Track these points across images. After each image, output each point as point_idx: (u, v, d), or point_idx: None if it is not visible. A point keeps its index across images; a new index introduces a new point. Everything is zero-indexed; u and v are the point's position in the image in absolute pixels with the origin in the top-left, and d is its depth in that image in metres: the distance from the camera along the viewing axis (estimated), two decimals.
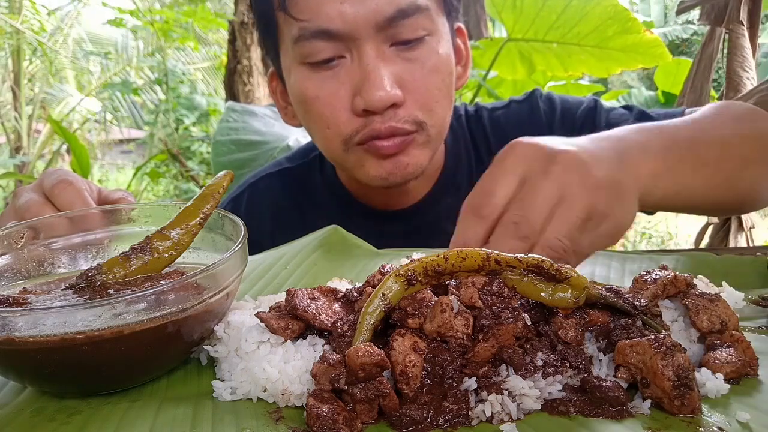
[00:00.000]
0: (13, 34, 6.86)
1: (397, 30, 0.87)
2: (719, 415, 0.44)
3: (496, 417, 0.46)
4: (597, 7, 2.11)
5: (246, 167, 2.04)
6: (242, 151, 2.10)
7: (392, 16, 0.85)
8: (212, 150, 2.19)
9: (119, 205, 0.73)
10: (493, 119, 1.16)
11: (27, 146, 7.61)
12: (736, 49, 1.41)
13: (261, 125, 2.21)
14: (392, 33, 0.87)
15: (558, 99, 1.16)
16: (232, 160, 2.08)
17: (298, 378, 0.49)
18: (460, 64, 1.04)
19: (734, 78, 1.40)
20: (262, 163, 2.05)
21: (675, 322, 0.55)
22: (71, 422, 0.47)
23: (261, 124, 2.22)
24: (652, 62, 2.29)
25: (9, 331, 0.47)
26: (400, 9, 0.85)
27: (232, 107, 2.32)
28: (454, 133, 1.11)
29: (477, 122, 1.16)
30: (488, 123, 1.15)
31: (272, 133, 2.18)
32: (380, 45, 0.87)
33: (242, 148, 2.11)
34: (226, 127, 2.19)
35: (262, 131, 2.18)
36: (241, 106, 2.37)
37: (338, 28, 0.85)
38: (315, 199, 1.14)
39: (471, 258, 0.51)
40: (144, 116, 7.11)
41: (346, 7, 0.84)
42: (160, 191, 6.27)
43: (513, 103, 1.19)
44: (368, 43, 0.86)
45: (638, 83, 8.88)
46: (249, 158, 2.08)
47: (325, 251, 0.88)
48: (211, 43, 7.54)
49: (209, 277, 0.53)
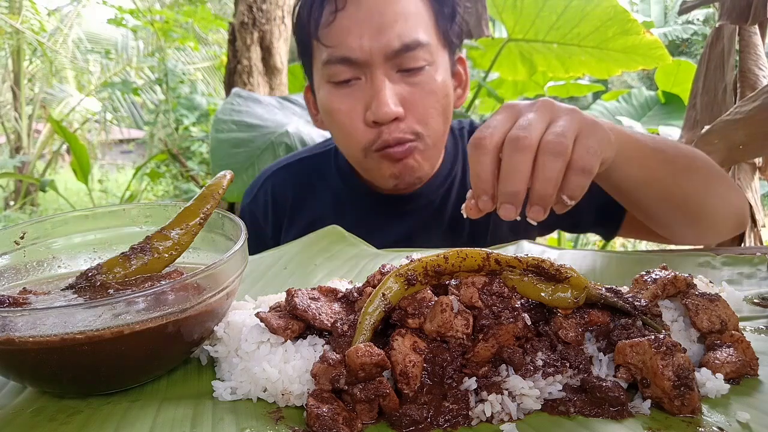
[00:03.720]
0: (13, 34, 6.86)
1: (402, 60, 1.08)
2: (719, 415, 0.44)
3: (496, 417, 0.46)
4: (597, 8, 2.11)
5: (242, 146, 2.09)
6: (241, 131, 2.15)
7: (398, 49, 1.07)
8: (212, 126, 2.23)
9: (119, 205, 0.73)
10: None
11: (27, 146, 7.61)
12: (749, 47, 1.40)
13: (264, 112, 2.25)
14: (399, 62, 1.08)
15: None
16: (230, 138, 2.12)
17: (298, 378, 0.49)
18: (459, 87, 1.25)
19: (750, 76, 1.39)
20: (259, 145, 2.08)
21: (675, 322, 0.55)
22: (71, 422, 0.47)
23: (264, 110, 2.25)
24: (651, 64, 2.29)
25: (9, 331, 0.47)
26: (404, 44, 1.07)
27: (239, 93, 2.33)
28: (455, 144, 1.34)
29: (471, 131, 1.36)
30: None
31: (273, 119, 2.21)
32: (389, 71, 1.09)
33: (242, 129, 2.16)
34: (229, 108, 2.23)
35: (264, 117, 2.22)
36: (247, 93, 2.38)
37: (357, 56, 1.07)
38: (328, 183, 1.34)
39: (471, 258, 0.51)
40: (144, 116, 7.11)
41: (364, 41, 1.06)
42: (160, 191, 6.27)
43: None
44: (379, 69, 1.07)
45: (638, 83, 8.88)
46: (247, 139, 2.11)
47: (325, 251, 0.89)
48: (211, 43, 7.54)
49: (209, 277, 0.53)
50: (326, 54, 1.11)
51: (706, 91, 1.50)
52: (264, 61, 3.57)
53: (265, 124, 2.17)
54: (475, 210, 0.76)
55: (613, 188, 0.96)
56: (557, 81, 3.26)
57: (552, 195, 0.72)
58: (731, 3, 1.42)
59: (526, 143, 0.72)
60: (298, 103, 2.37)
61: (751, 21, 1.39)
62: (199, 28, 5.12)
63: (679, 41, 9.11)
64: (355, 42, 1.07)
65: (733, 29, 1.43)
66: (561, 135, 0.73)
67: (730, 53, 1.44)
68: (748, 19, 1.39)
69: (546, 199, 0.72)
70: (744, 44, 1.42)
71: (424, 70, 1.10)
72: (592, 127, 0.77)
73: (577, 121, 0.76)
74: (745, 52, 1.41)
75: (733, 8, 1.41)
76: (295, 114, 2.31)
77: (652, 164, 0.93)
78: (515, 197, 0.72)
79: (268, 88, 3.56)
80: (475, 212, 0.76)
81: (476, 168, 0.75)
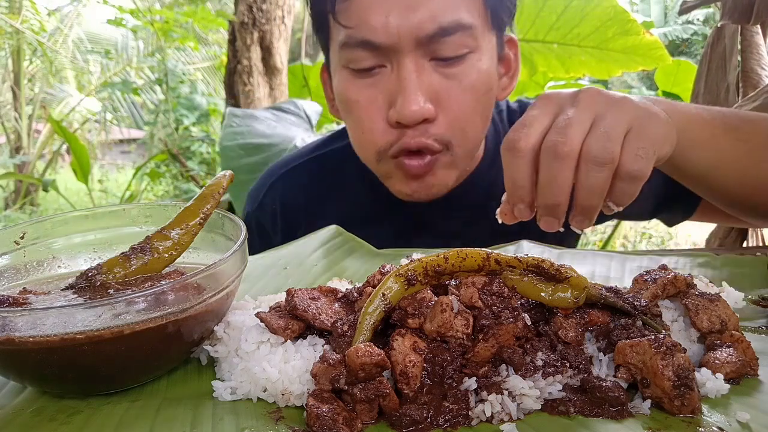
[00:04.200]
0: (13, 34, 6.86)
1: (438, 46, 0.87)
2: (719, 415, 0.44)
3: (496, 417, 0.46)
4: (597, 8, 2.11)
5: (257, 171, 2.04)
6: (250, 155, 2.11)
7: (433, 33, 0.86)
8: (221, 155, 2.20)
9: (119, 205, 0.72)
10: None
11: (27, 146, 7.61)
12: (752, 47, 1.40)
13: (264, 128, 2.22)
14: (433, 49, 0.88)
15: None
16: (242, 165, 2.08)
17: (298, 378, 0.49)
18: (507, 75, 1.04)
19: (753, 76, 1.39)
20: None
21: (675, 322, 0.55)
22: (71, 422, 0.47)
23: (264, 126, 2.23)
24: (651, 64, 2.29)
25: (9, 331, 0.47)
26: (441, 27, 0.86)
27: (233, 112, 2.32)
28: (495, 127, 1.12)
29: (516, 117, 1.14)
30: None
31: (277, 134, 2.18)
32: (419, 59, 0.88)
33: (250, 152, 2.12)
34: (231, 132, 2.19)
35: (267, 134, 2.19)
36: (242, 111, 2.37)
37: (381, 40, 0.87)
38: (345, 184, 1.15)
39: (471, 258, 0.51)
40: (144, 116, 7.11)
41: (390, 20, 0.85)
42: (160, 191, 6.26)
43: None
44: (408, 56, 0.87)
45: (639, 83, 8.89)
46: (259, 162, 2.07)
47: (325, 251, 0.89)
48: (211, 43, 7.54)
49: (209, 277, 0.53)
50: (344, 35, 0.90)
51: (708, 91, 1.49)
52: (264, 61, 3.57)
53: (271, 141, 2.14)
54: (510, 216, 0.70)
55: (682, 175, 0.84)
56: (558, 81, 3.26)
57: (598, 206, 0.65)
58: (733, 3, 1.41)
59: (565, 150, 0.63)
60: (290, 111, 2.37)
61: (753, 21, 1.38)
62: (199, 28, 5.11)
63: (679, 41, 9.11)
64: (379, 21, 0.86)
65: (735, 29, 1.43)
66: (606, 138, 0.63)
67: (732, 53, 1.44)
68: (750, 18, 1.39)
69: (591, 210, 0.65)
70: (746, 44, 1.41)
71: (465, 58, 0.89)
72: (645, 122, 0.66)
73: (627, 116, 0.65)
74: (747, 52, 1.41)
75: (735, 8, 1.41)
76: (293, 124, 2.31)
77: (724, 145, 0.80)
78: (556, 210, 0.65)
79: (268, 88, 3.56)
80: (510, 218, 0.70)
81: (512, 174, 0.67)
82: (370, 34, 0.87)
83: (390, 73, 0.90)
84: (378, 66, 0.90)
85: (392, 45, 0.87)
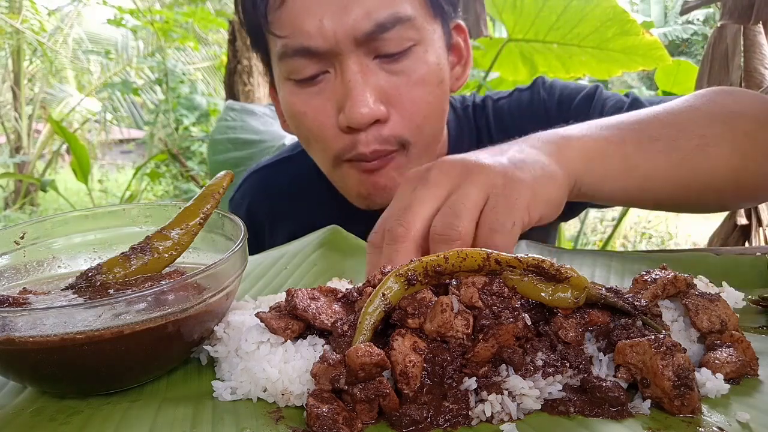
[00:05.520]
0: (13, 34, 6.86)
1: (379, 44, 0.84)
2: (719, 415, 0.44)
3: (496, 417, 0.46)
4: (596, 8, 2.11)
5: (242, 165, 2.05)
6: (238, 149, 2.11)
7: (371, 31, 0.83)
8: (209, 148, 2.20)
9: (119, 205, 0.72)
10: (497, 109, 1.13)
11: (27, 146, 7.62)
12: (754, 46, 1.40)
13: (259, 124, 2.22)
14: (375, 46, 0.84)
15: (559, 86, 1.12)
16: (228, 159, 2.09)
17: (298, 378, 0.49)
18: (459, 64, 1.00)
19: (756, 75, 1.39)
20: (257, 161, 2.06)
21: (675, 322, 0.55)
22: (71, 422, 0.47)
23: (259, 123, 2.23)
24: (651, 64, 2.29)
25: (9, 331, 0.46)
26: (378, 23, 0.82)
27: (231, 106, 2.32)
28: (459, 123, 1.09)
29: (481, 112, 1.13)
30: (492, 113, 1.13)
31: (269, 132, 2.18)
32: (363, 59, 0.85)
33: (239, 147, 2.12)
34: (224, 125, 2.20)
35: (260, 130, 2.19)
36: (240, 105, 2.37)
37: (318, 45, 0.84)
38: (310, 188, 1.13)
39: (471, 258, 0.51)
40: (144, 116, 7.12)
41: (324, 23, 0.82)
42: (160, 191, 6.27)
43: (516, 92, 1.15)
44: (350, 58, 0.84)
45: (639, 83, 8.89)
46: (245, 156, 2.08)
47: (325, 251, 0.88)
48: (211, 43, 7.54)
49: (209, 277, 0.53)
50: (280, 45, 0.87)
51: None
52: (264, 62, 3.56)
53: (261, 138, 2.12)
54: None
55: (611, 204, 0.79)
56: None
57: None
58: (733, 3, 1.42)
59: (399, 232, 0.60)
60: None
61: (753, 20, 1.39)
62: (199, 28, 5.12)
63: (679, 41, 9.11)
64: (313, 26, 0.83)
65: (738, 29, 1.43)
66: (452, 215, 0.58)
67: (734, 53, 1.44)
68: (750, 18, 1.39)
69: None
70: (749, 43, 1.42)
71: (410, 51, 0.86)
72: (505, 190, 0.60)
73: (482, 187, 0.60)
74: (750, 52, 1.42)
75: (735, 8, 1.41)
76: None
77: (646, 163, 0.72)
78: None
79: (268, 88, 3.56)
80: None
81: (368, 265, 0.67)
82: (307, 41, 0.84)
83: (334, 78, 0.87)
84: (321, 72, 0.87)
85: (331, 48, 0.84)
